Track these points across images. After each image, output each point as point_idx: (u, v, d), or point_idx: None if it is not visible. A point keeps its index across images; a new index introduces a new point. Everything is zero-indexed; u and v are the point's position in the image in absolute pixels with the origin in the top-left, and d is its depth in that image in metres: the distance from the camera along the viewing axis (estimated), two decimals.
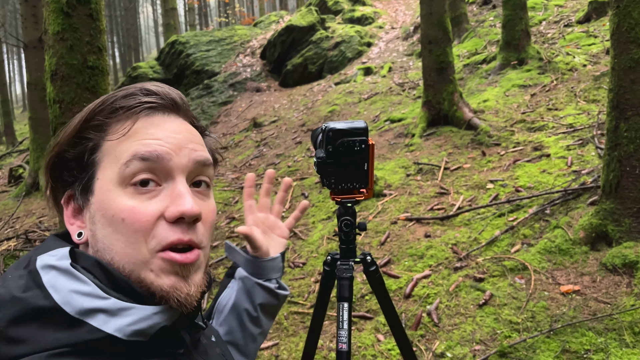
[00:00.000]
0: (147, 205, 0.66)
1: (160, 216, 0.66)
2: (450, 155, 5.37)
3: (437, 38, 6.16)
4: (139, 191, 0.66)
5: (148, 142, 0.67)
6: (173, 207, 0.66)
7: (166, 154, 0.68)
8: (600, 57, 6.86)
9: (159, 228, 0.66)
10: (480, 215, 3.97)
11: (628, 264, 2.83)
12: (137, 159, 0.66)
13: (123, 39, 41.95)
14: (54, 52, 3.23)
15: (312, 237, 4.40)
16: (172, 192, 0.67)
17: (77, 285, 0.61)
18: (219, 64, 14.31)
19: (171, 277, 0.66)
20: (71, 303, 0.59)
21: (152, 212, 0.65)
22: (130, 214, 0.65)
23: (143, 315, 0.63)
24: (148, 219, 0.65)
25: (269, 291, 1.05)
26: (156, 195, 0.67)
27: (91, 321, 0.60)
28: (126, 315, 0.61)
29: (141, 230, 0.65)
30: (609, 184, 3.04)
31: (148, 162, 0.66)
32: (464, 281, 3.20)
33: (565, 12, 9.41)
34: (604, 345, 2.43)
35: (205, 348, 0.80)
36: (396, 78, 9.86)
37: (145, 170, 0.66)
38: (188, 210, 0.65)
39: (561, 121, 5.34)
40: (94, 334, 0.59)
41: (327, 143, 1.29)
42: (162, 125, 0.70)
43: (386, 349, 2.81)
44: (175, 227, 0.66)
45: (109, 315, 0.61)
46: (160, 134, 0.69)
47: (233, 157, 8.44)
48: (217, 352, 0.85)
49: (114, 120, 0.69)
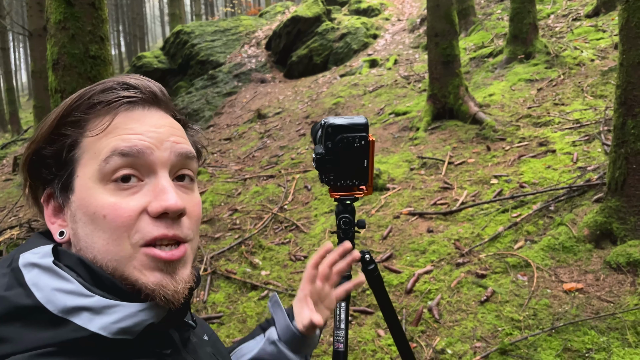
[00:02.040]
0: (128, 201, 0.64)
1: (142, 211, 0.64)
2: (454, 149, 5.32)
3: (443, 31, 6.10)
4: (120, 187, 0.65)
5: (128, 137, 0.66)
6: (156, 203, 0.64)
7: (147, 148, 0.66)
8: (608, 52, 6.78)
9: (142, 223, 0.64)
10: (484, 210, 3.93)
11: (632, 262, 2.80)
12: (116, 154, 0.64)
13: (129, 28, 41.88)
14: (56, 41, 3.20)
15: (314, 230, 4.38)
16: (155, 187, 0.66)
17: (60, 283, 0.60)
18: (224, 54, 14.25)
19: (156, 274, 0.64)
20: (54, 301, 0.58)
21: (134, 207, 0.64)
22: (111, 211, 0.63)
23: (128, 312, 0.61)
24: (130, 214, 0.64)
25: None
26: (138, 191, 0.66)
27: (75, 320, 0.58)
28: (111, 313, 0.60)
29: (123, 226, 0.63)
30: (615, 182, 3.00)
31: (128, 157, 0.65)
32: (466, 277, 3.17)
33: (574, 6, 9.29)
34: (607, 344, 2.40)
35: (195, 347, 0.79)
36: (402, 71, 9.79)
37: (125, 165, 0.65)
38: (172, 206, 0.64)
39: (567, 116, 5.28)
40: (78, 332, 0.58)
41: (326, 139, 1.26)
42: (142, 120, 0.69)
43: (386, 344, 2.80)
44: (159, 222, 0.65)
45: (94, 314, 0.59)
46: (141, 128, 0.67)
47: (237, 148, 8.42)
48: (207, 351, 0.84)
49: (92, 116, 0.68)
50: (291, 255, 4.07)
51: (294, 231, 4.51)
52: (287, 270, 3.84)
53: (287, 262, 3.98)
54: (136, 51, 37.09)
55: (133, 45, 39.63)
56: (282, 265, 3.95)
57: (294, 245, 4.26)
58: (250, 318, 3.32)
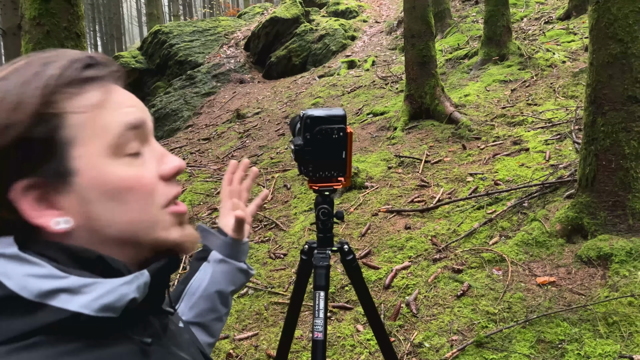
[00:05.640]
0: (145, 170, 0.68)
1: (158, 176, 0.70)
2: (431, 148, 5.40)
3: (420, 32, 6.18)
4: (133, 158, 0.67)
5: (128, 110, 0.68)
6: (167, 166, 0.70)
7: (147, 119, 0.71)
8: (579, 54, 6.95)
9: (160, 186, 0.69)
10: (460, 207, 4.00)
11: (603, 256, 2.88)
12: (128, 128, 0.66)
13: (105, 27, 41.27)
14: (31, 38, 3.16)
15: (293, 229, 4.39)
16: (155, 154, 0.70)
17: (30, 268, 0.58)
18: (203, 54, 14.16)
19: (178, 229, 0.71)
20: (27, 287, 0.56)
21: (152, 174, 0.68)
22: (136, 182, 0.66)
23: (109, 287, 0.60)
24: (152, 181, 0.68)
25: (246, 274, 1.10)
26: (145, 160, 0.69)
27: (53, 302, 0.57)
28: (90, 291, 0.59)
29: (149, 194, 0.67)
30: (586, 178, 3.08)
31: (137, 129, 0.67)
32: (443, 272, 3.23)
33: (546, 9, 9.51)
34: (579, 335, 2.47)
35: (175, 334, 0.79)
36: (379, 72, 9.87)
37: (135, 138, 0.67)
38: (181, 165, 0.71)
39: (540, 116, 5.40)
40: (58, 314, 0.56)
41: (304, 130, 1.28)
42: (124, 93, 0.70)
43: (365, 339, 2.83)
44: (170, 183, 0.71)
45: (72, 294, 0.58)
46: (130, 101, 0.69)
47: (216, 148, 8.38)
48: (186, 338, 0.84)
49: (75, 93, 0.63)
50: (271, 253, 4.08)
51: (273, 229, 4.52)
52: (267, 268, 3.85)
53: (266, 259, 3.99)
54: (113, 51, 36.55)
55: (110, 45, 39.06)
56: (262, 263, 3.96)
57: (274, 243, 4.27)
58: (230, 316, 3.32)
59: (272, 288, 3.54)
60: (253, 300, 3.47)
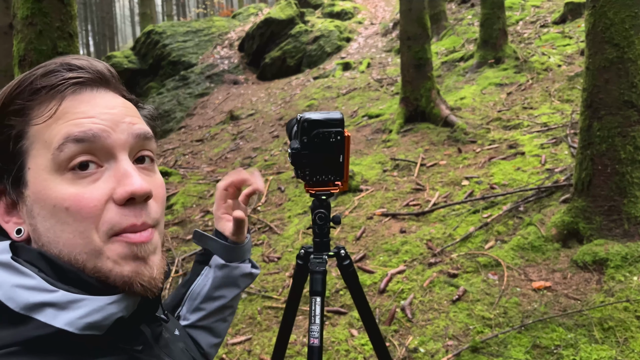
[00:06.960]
0: (91, 189, 0.60)
1: (108, 199, 0.61)
2: (426, 151, 5.39)
3: (415, 34, 6.17)
4: (79, 175, 0.60)
5: (80, 121, 0.61)
6: (121, 188, 0.61)
7: (103, 131, 0.62)
8: (574, 57, 6.97)
9: (109, 212, 0.61)
10: (455, 211, 3.99)
11: (598, 261, 2.87)
12: (70, 141, 0.60)
13: (98, 27, 41.10)
14: (23, 37, 3.11)
15: (287, 232, 4.36)
16: (117, 172, 0.62)
17: (20, 279, 0.57)
18: (196, 55, 14.11)
19: (130, 263, 0.61)
20: (15, 298, 0.55)
21: (98, 196, 0.60)
22: (74, 202, 0.59)
23: (96, 306, 0.58)
24: (95, 204, 0.60)
25: (250, 276, 1.07)
26: (99, 178, 0.62)
27: (38, 316, 0.55)
28: (77, 308, 0.57)
29: (89, 217, 0.60)
30: (581, 182, 3.08)
31: (84, 143, 0.60)
32: (438, 277, 3.21)
33: (542, 13, 9.54)
34: (574, 340, 2.46)
35: (168, 342, 0.76)
36: (375, 74, 9.87)
37: (82, 152, 0.60)
38: (138, 189, 0.61)
39: (536, 120, 5.41)
40: (42, 329, 0.55)
41: (302, 134, 1.26)
42: (92, 101, 0.64)
43: (359, 344, 2.80)
44: (126, 209, 0.61)
45: (58, 309, 0.56)
46: (93, 110, 0.63)
47: (209, 150, 8.34)
48: (180, 346, 0.81)
49: (36, 103, 0.62)
50: (264, 256, 4.04)
51: (267, 232, 4.49)
52: (261, 272, 3.81)
53: (260, 263, 3.96)
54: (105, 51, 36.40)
55: (102, 45, 38.91)
56: None
57: (267, 246, 4.24)
58: None
59: (265, 292, 3.51)
60: (246, 305, 3.43)
